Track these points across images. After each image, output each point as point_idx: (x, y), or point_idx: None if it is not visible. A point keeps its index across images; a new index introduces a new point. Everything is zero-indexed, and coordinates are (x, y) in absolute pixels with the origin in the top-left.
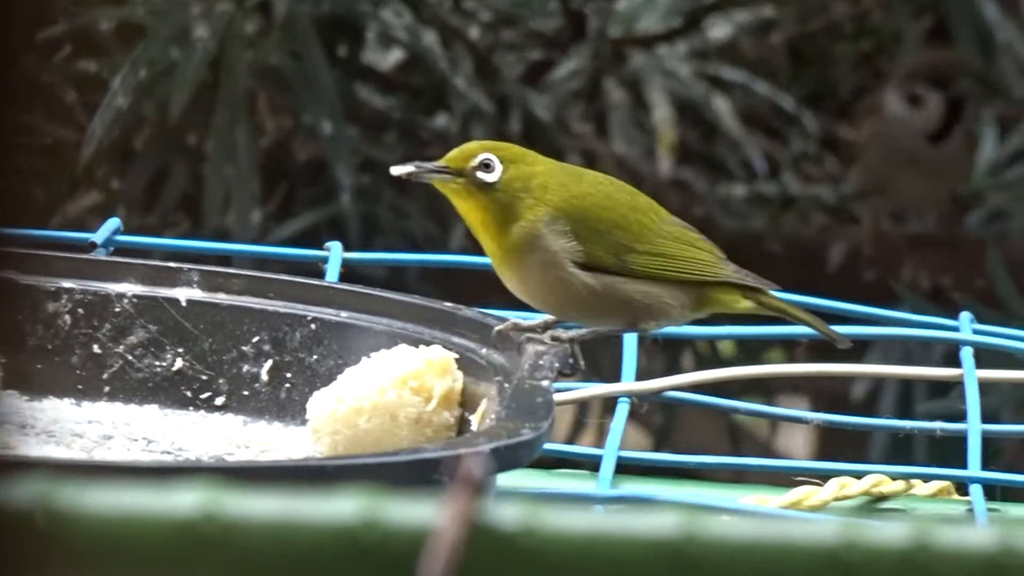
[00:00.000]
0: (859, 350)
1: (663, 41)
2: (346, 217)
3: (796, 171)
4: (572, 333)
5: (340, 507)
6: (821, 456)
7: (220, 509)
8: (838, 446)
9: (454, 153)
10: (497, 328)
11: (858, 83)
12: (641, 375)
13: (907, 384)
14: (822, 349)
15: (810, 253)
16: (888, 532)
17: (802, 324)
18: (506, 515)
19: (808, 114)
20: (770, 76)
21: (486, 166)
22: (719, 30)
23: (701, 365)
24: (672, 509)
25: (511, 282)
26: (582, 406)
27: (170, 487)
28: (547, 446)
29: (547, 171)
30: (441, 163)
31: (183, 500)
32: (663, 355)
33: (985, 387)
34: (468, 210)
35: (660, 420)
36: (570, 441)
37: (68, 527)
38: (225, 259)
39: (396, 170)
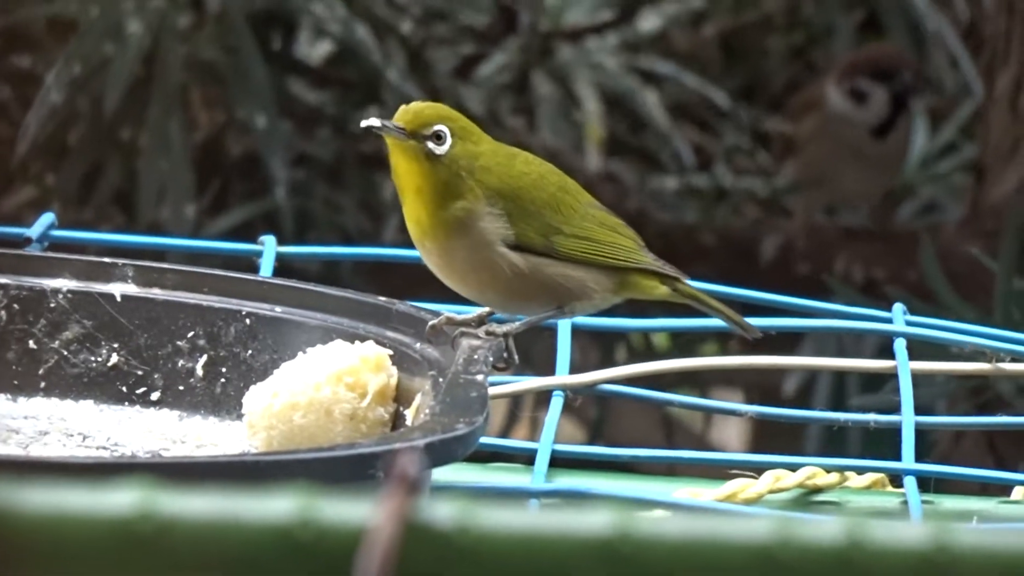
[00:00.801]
0: (792, 343)
1: (593, 34)
2: (280, 211)
3: (728, 164)
4: (506, 328)
5: (276, 505)
6: (755, 449)
7: (156, 508)
8: (772, 439)
9: (411, 114)
10: (431, 323)
11: (790, 76)
12: (575, 369)
13: (840, 377)
14: (755, 342)
15: (743, 246)
16: (822, 529)
17: (715, 313)
18: (441, 513)
19: (740, 107)
20: (702, 69)
21: (438, 137)
22: (649, 22)
23: (635, 359)
24: (607, 505)
25: (432, 256)
26: (516, 399)
27: (106, 484)
28: (482, 440)
29: (489, 151)
30: (399, 122)
31: (119, 499)
32: (597, 349)
33: (919, 380)
34: (407, 173)
35: (595, 413)
36: (504, 434)
37: (3, 526)
38: (160, 254)
39: (364, 123)
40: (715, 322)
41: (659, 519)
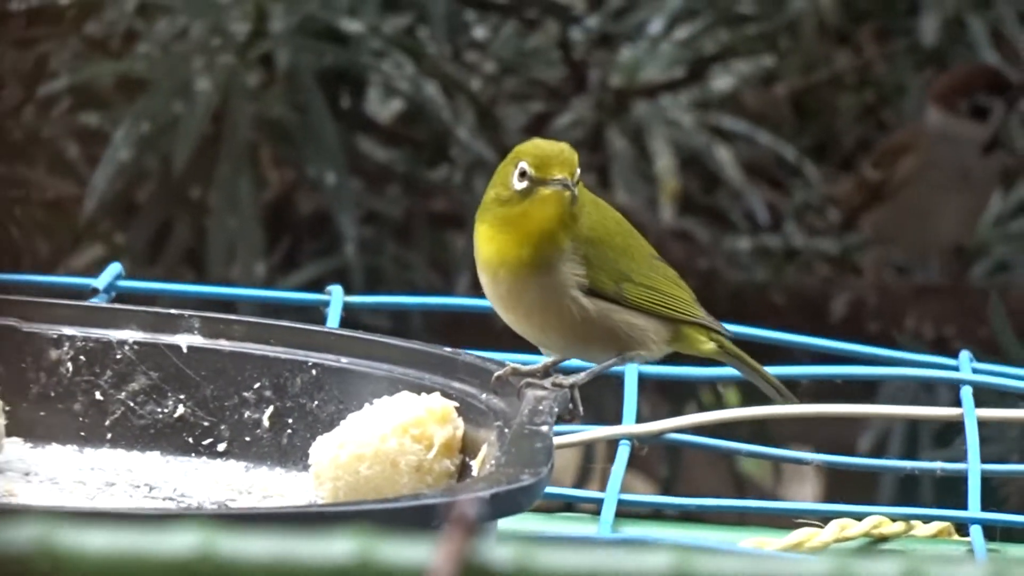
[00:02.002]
0: (864, 396)
1: (665, 91)
2: (350, 268)
3: (799, 222)
4: (572, 379)
5: (335, 548)
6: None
7: (216, 550)
8: (845, 494)
9: (570, 165)
10: (497, 373)
11: (861, 135)
12: (644, 422)
13: (914, 433)
14: (825, 394)
15: (814, 304)
16: (880, 569)
17: (755, 375)
18: (500, 555)
19: (811, 165)
20: (774, 128)
21: (578, 182)
22: (722, 81)
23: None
24: (667, 549)
25: (501, 287)
26: (588, 451)
27: (168, 531)
28: (550, 490)
29: (581, 191)
30: (565, 176)
31: (180, 542)
32: (667, 403)
33: (994, 432)
34: (546, 219)
35: (665, 470)
36: (577, 485)
37: (68, 570)
38: (229, 307)
39: (555, 189)
40: (786, 370)
41: (719, 561)
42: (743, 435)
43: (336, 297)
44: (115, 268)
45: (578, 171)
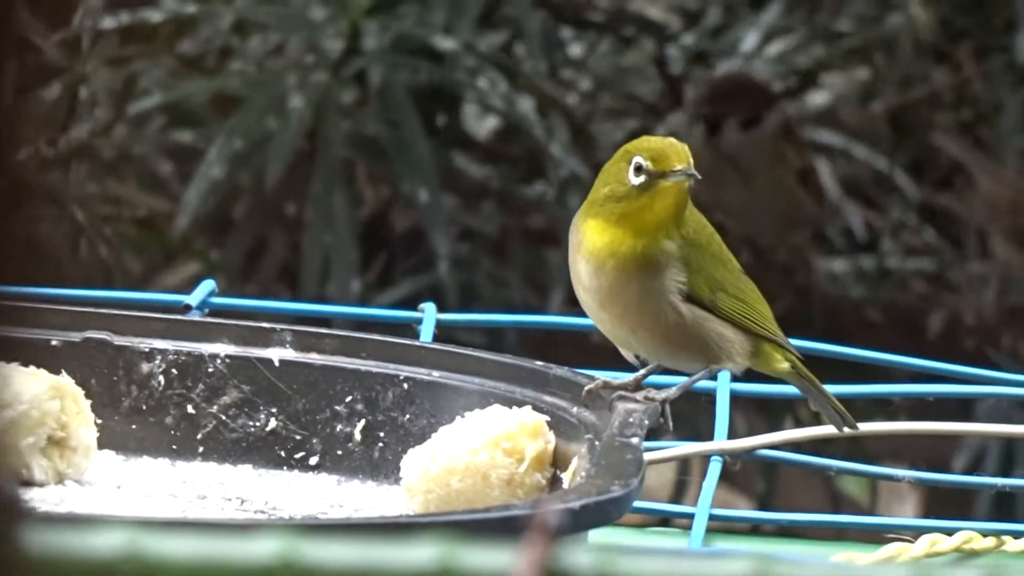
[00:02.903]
0: (960, 415)
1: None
2: (444, 285)
3: (895, 240)
4: (664, 393)
5: (417, 554)
6: None
7: (298, 556)
8: (942, 513)
9: (686, 154)
10: (587, 387)
11: (958, 153)
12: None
13: (1009, 451)
14: (921, 412)
15: (910, 321)
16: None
17: (822, 399)
18: (581, 562)
19: (906, 179)
20: (871, 144)
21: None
22: (819, 97)
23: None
24: (747, 558)
25: (601, 279)
26: (684, 466)
27: (253, 539)
28: (642, 504)
29: None
30: (686, 166)
31: (261, 548)
32: (764, 419)
33: None
34: (666, 209)
35: (762, 486)
36: (674, 501)
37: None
38: (323, 324)
39: (676, 179)
40: (882, 388)
41: (798, 569)
42: (840, 452)
43: (429, 315)
44: (208, 285)
45: (691, 160)
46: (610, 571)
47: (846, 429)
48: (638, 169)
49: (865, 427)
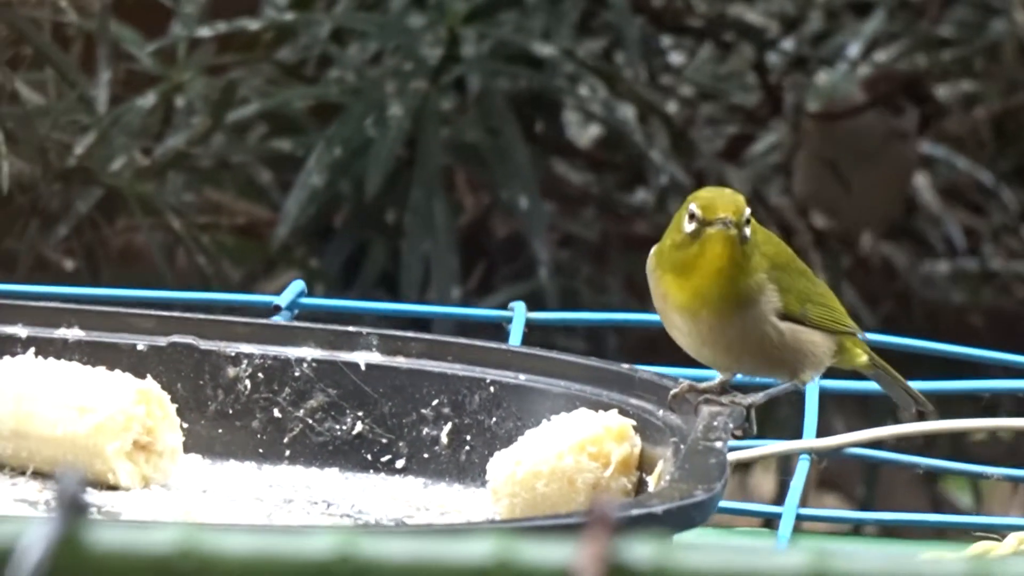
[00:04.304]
0: None
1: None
2: (545, 292)
3: (996, 244)
4: (751, 399)
5: (474, 548)
6: None
7: (354, 551)
8: None
9: (734, 206)
10: (673, 391)
11: None
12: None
13: None
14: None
15: (1012, 326)
16: (1018, 565)
17: (899, 388)
18: (639, 553)
19: (1007, 188)
20: (974, 151)
21: (748, 221)
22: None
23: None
24: (807, 551)
25: (701, 325)
26: (786, 467)
27: (310, 537)
28: (728, 504)
29: (755, 224)
30: (729, 216)
31: (318, 543)
32: (861, 421)
33: None
34: (720, 257)
35: (862, 489)
36: (777, 501)
37: (209, 572)
38: (421, 326)
39: (715, 229)
40: (978, 384)
41: (857, 562)
42: (940, 454)
43: (519, 314)
44: (298, 286)
45: (747, 211)
46: (668, 564)
47: (973, 420)
48: (691, 217)
49: (947, 424)
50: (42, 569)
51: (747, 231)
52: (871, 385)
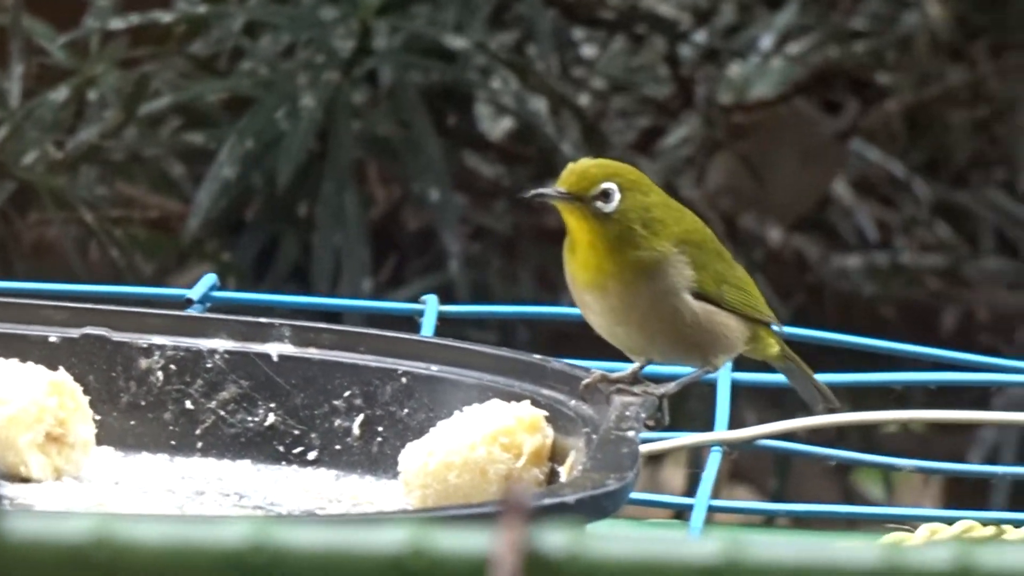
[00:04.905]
0: (977, 406)
1: (771, 107)
2: (456, 284)
3: (908, 236)
4: (664, 388)
5: (388, 536)
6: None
7: (267, 539)
8: (958, 508)
9: (576, 176)
10: (585, 381)
11: (974, 150)
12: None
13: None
14: (937, 406)
15: (923, 318)
16: (932, 554)
17: (805, 381)
18: (553, 541)
19: (920, 181)
20: (886, 143)
21: (605, 195)
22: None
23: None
24: (720, 540)
25: (610, 298)
26: (696, 459)
27: (223, 527)
28: (640, 496)
29: (661, 202)
30: (564, 188)
31: (231, 532)
32: (773, 414)
33: None
34: (578, 229)
35: (775, 481)
36: (688, 494)
37: (125, 562)
38: (332, 319)
39: (529, 193)
40: (893, 377)
41: (771, 543)
42: (853, 448)
43: (431, 307)
44: (210, 279)
45: (603, 185)
46: (583, 552)
47: (888, 413)
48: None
49: (861, 416)
50: None
51: (602, 204)
52: (780, 377)
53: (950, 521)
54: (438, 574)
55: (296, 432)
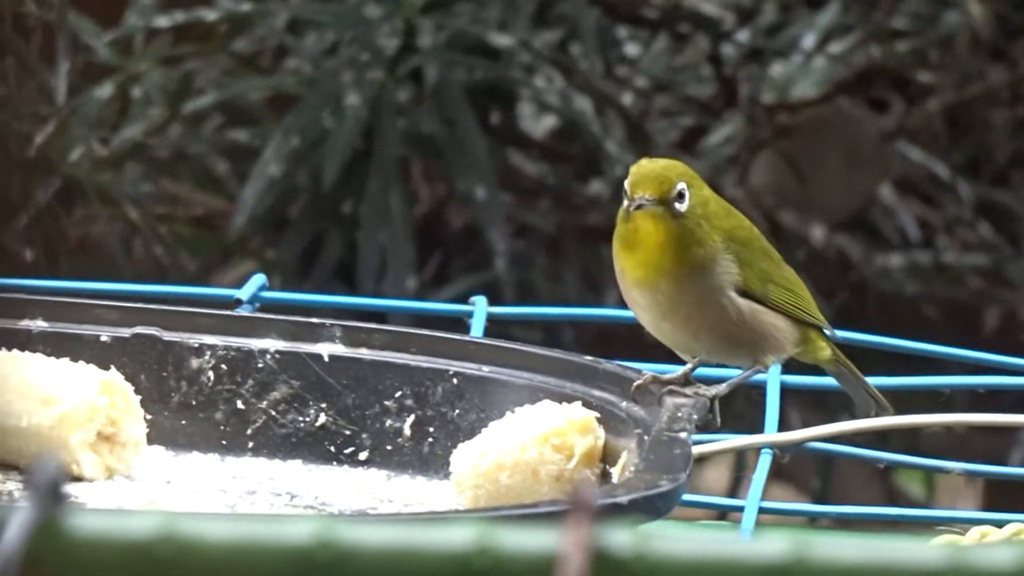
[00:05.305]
0: (1017, 410)
1: (816, 106)
2: (501, 282)
3: (950, 236)
4: (715, 389)
5: (455, 534)
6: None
7: (335, 537)
8: (1001, 509)
9: (656, 182)
10: (636, 382)
11: (1015, 149)
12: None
13: None
14: (979, 407)
15: (965, 317)
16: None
17: (860, 387)
18: (619, 540)
19: (962, 181)
20: (928, 143)
21: (680, 196)
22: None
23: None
24: (784, 538)
25: (659, 296)
26: (740, 461)
27: (286, 525)
28: (692, 498)
29: (712, 197)
30: (651, 195)
31: (297, 530)
32: (818, 415)
33: None
34: (652, 232)
35: (818, 482)
36: (731, 494)
37: (190, 558)
38: (378, 319)
39: (630, 207)
40: (936, 380)
41: (833, 544)
42: (896, 449)
43: (480, 308)
44: (259, 279)
45: (678, 185)
46: (649, 551)
47: (932, 416)
48: (625, 193)
49: (911, 419)
50: (20, 555)
51: (679, 205)
52: (828, 380)
53: (998, 524)
54: (503, 572)
55: (347, 432)
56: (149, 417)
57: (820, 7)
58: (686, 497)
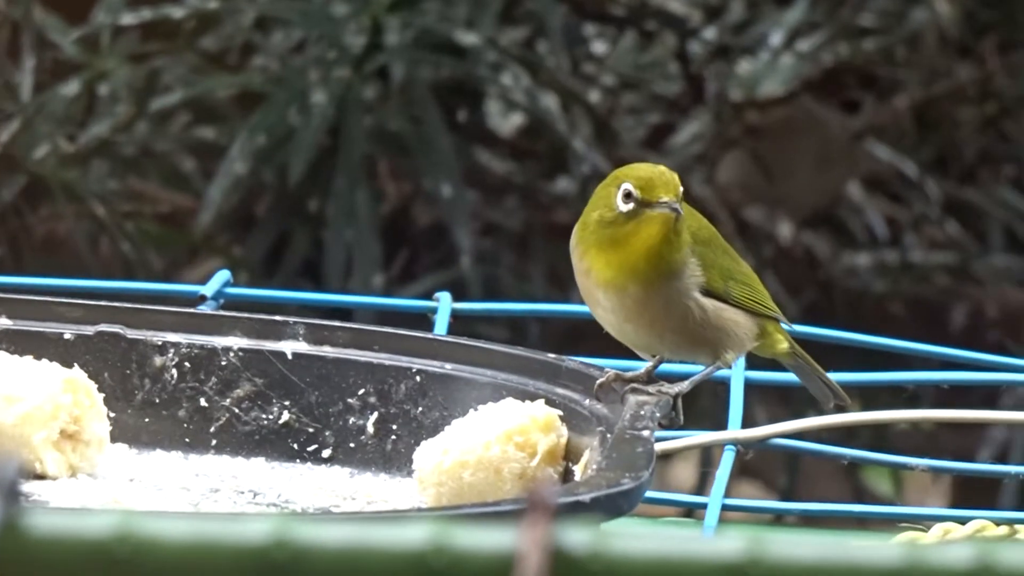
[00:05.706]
0: (985, 408)
1: (784, 104)
2: (467, 280)
3: (918, 234)
4: (678, 387)
5: (412, 533)
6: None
7: (292, 536)
8: (967, 506)
9: (672, 185)
10: (599, 380)
11: (982, 147)
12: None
13: None
14: (946, 405)
15: (932, 314)
16: (953, 553)
17: (817, 379)
18: (575, 539)
19: (930, 179)
20: (895, 140)
21: (681, 199)
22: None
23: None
24: (742, 536)
25: (626, 300)
26: (707, 458)
27: (246, 524)
28: (655, 495)
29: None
30: (674, 199)
31: (255, 528)
32: (783, 411)
33: None
34: (653, 236)
35: (784, 479)
36: (698, 492)
37: (147, 556)
38: (344, 316)
39: (661, 210)
40: (907, 376)
41: (793, 541)
42: (863, 446)
43: (444, 304)
44: (223, 275)
45: (681, 190)
46: (606, 550)
47: (898, 412)
48: (627, 196)
49: (874, 415)
50: None
51: (680, 208)
52: (793, 376)
53: (962, 521)
54: (460, 571)
55: (310, 430)
56: (112, 415)
57: (787, 5)
58: (652, 494)
